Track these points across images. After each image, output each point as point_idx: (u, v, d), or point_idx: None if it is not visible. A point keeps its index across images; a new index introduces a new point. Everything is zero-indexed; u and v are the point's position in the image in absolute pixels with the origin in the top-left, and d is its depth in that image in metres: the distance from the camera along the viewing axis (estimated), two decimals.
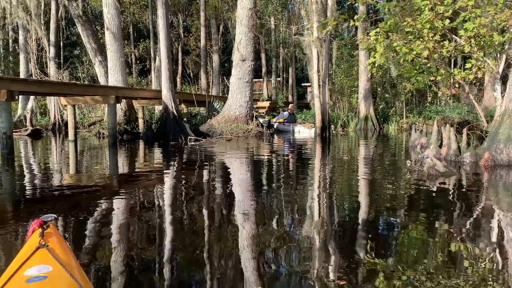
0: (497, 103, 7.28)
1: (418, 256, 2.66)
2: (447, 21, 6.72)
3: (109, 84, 15.05)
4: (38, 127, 17.22)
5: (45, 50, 18.60)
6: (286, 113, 17.87)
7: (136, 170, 7.17)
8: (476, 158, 6.60)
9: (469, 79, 7.20)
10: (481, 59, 7.05)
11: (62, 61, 23.64)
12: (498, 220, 3.55)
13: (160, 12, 13.40)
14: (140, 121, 14.82)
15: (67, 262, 1.57)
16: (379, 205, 4.12)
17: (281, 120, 17.26)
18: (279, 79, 33.02)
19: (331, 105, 21.32)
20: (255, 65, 34.41)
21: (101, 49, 17.41)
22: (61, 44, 25.82)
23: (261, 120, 16.10)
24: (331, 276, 2.31)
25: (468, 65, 7.18)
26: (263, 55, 29.91)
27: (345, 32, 22.90)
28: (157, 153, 9.88)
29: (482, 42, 6.88)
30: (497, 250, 2.72)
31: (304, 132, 16.05)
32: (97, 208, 4.02)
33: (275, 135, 14.96)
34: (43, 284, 1.39)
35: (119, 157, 9.04)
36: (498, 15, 6.28)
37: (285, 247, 2.80)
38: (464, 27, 6.71)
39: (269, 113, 21.08)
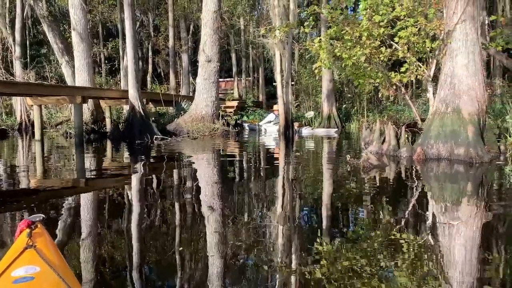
0: (430, 104, 8.05)
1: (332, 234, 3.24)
2: (382, 29, 7.43)
3: (76, 84, 15.22)
4: (3, 127, 17.18)
5: (10, 50, 18.51)
6: (272, 114, 18.50)
7: (101, 169, 7.51)
8: (411, 152, 7.32)
9: (403, 81, 7.94)
10: (414, 63, 7.81)
11: (28, 60, 23.49)
12: (406, 201, 4.20)
13: (127, 13, 13.69)
14: (107, 121, 15.06)
15: (55, 262, 1.54)
16: (312, 192, 4.72)
17: (268, 122, 17.96)
18: (250, 78, 33.53)
19: (296, 104, 22.09)
20: (226, 65, 34.85)
21: (68, 49, 17.50)
22: (28, 43, 25.58)
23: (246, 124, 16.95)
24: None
25: (402, 69, 7.94)
26: (233, 55, 30.38)
27: (308, 35, 23.65)
28: (123, 152, 10.22)
29: (416, 48, 7.64)
30: (402, 223, 3.33)
31: (271, 131, 16.76)
32: (62, 209, 4.05)
33: (241, 134, 15.50)
34: (31, 285, 1.38)
35: (84, 156, 9.34)
36: (429, 24, 7.01)
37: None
38: (398, 35, 7.45)
39: (238, 112, 21.60)
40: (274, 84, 38.29)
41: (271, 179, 5.88)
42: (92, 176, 6.31)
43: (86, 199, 4.61)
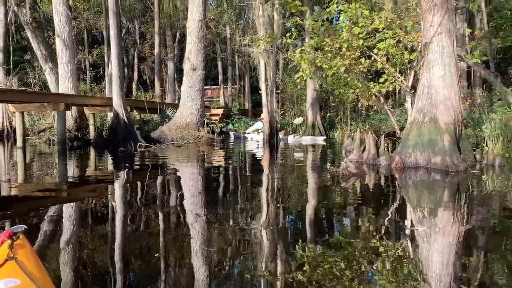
0: (408, 113, 8.26)
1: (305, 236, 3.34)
2: (361, 41, 7.64)
3: (59, 92, 15.14)
4: None
5: None
6: (260, 122, 18.63)
7: (83, 177, 7.50)
8: (390, 161, 7.49)
9: (382, 91, 8.16)
10: (393, 74, 8.03)
11: (11, 66, 23.20)
12: (379, 208, 4.32)
13: (112, 21, 13.71)
14: (91, 128, 14.98)
15: (36, 275, 1.51)
16: (290, 200, 4.82)
17: (255, 129, 18.08)
18: (236, 86, 33.69)
19: (282, 112, 22.28)
20: (213, 73, 34.90)
21: (52, 56, 17.40)
22: (11, 49, 25.30)
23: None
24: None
25: (381, 79, 8.16)
26: (219, 63, 30.52)
27: (292, 45, 23.94)
28: (105, 160, 10.20)
29: (394, 60, 7.86)
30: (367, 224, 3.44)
31: (256, 139, 16.89)
32: (43, 218, 4.02)
33: (226, 142, 15.57)
34: None
35: (66, 164, 9.29)
36: (407, 36, 7.23)
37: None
38: (377, 46, 7.67)
39: (223, 120, 21.69)
40: (260, 92, 38.64)
41: (252, 187, 5.97)
42: (73, 184, 6.31)
43: (67, 208, 4.62)
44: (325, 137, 17.22)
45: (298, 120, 19.38)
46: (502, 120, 10.08)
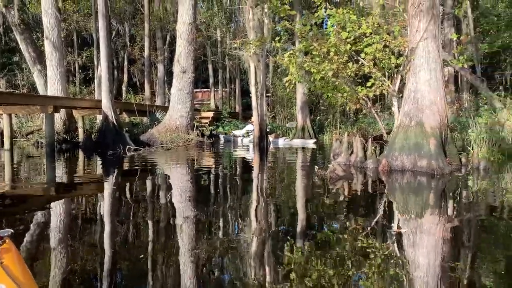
0: (395, 117, 8.37)
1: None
2: (349, 46, 7.74)
3: (48, 94, 15.03)
4: None
5: None
6: (251, 125, 18.68)
7: (70, 179, 7.47)
8: (377, 164, 7.57)
9: (370, 95, 8.27)
10: (380, 78, 8.14)
11: None
12: (363, 210, 4.39)
13: (101, 23, 13.67)
14: (80, 131, 14.89)
15: (21, 280, 1.49)
16: (277, 202, 4.87)
17: (247, 131, 18.13)
18: (226, 89, 33.72)
19: (272, 115, 22.37)
20: (204, 76, 34.87)
21: (41, 58, 17.28)
22: None
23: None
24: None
25: (369, 84, 8.26)
26: (210, 66, 30.55)
27: (283, 48, 24.10)
28: (94, 163, 10.16)
29: (382, 64, 7.98)
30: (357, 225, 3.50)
31: (246, 142, 16.95)
32: (30, 222, 3.99)
33: (216, 145, 15.57)
34: None
35: (54, 166, 9.24)
36: (394, 41, 7.35)
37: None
38: (364, 51, 7.78)
39: (213, 123, 21.68)
40: (250, 95, 38.80)
41: (239, 191, 6.00)
42: (61, 187, 6.28)
43: (54, 212, 4.61)
44: (315, 140, 17.30)
45: (291, 124, 19.36)
46: (488, 124, 10.29)
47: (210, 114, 22.27)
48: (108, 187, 6.18)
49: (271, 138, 16.93)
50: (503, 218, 4.09)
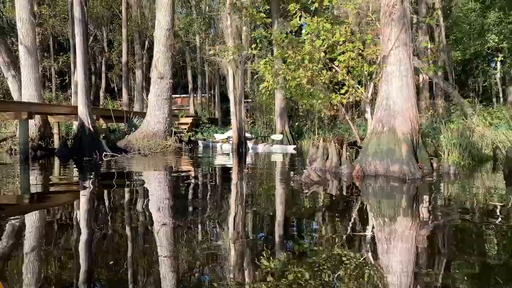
0: (368, 123, 8.56)
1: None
2: (322, 53, 7.90)
3: (23, 100, 14.75)
4: None
5: None
6: (231, 131, 18.66)
7: (42, 186, 7.36)
8: (351, 169, 7.71)
9: (343, 102, 8.44)
10: (353, 85, 8.33)
11: None
12: (332, 215, 4.48)
13: (77, 28, 13.53)
14: (56, 137, 14.66)
15: None
16: (252, 207, 4.92)
17: (224, 139, 18.06)
18: (206, 95, 33.68)
19: (252, 121, 22.46)
20: (183, 81, 34.70)
21: (15, 63, 16.93)
22: None
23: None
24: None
25: (342, 91, 8.44)
26: (189, 72, 30.49)
27: (263, 54, 24.31)
28: (68, 170, 10.00)
29: (355, 71, 8.16)
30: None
31: (225, 148, 16.97)
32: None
33: (195, 151, 15.53)
34: None
35: (27, 174, 9.07)
36: (366, 49, 7.54)
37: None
38: (338, 59, 7.95)
39: (192, 129, 21.64)
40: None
41: (214, 198, 6.02)
42: (33, 196, 6.18)
43: (27, 221, 4.55)
44: (295, 146, 17.41)
45: (277, 137, 19.06)
46: (458, 130, 10.60)
47: (189, 120, 22.22)
48: (80, 195, 6.12)
49: (250, 144, 16.98)
50: (467, 220, 4.24)
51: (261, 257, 3.06)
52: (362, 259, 3.03)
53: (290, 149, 16.66)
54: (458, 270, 2.84)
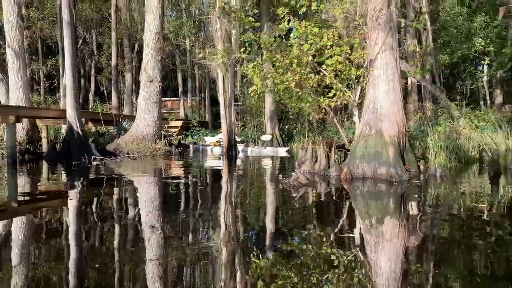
0: (356, 126, 8.64)
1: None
2: (310, 57, 7.98)
3: (10, 104, 14.62)
4: None
5: None
6: (222, 134, 18.64)
7: (29, 191, 7.31)
8: (340, 172, 7.78)
9: (331, 105, 8.53)
10: (341, 89, 8.41)
11: None
12: (319, 217, 4.53)
13: (66, 31, 13.46)
14: (44, 141, 14.55)
15: None
16: (240, 210, 4.95)
17: (216, 142, 17.99)
18: (196, 98, 33.66)
19: (242, 124, 22.49)
20: (173, 85, 34.65)
21: (3, 66, 16.79)
22: None
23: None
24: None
25: (330, 94, 8.52)
26: (179, 75, 30.45)
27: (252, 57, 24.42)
28: (56, 174, 9.93)
29: (342, 75, 8.25)
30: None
31: (216, 151, 16.96)
32: None
33: (185, 154, 15.50)
34: None
35: (14, 178, 9.00)
36: (354, 53, 7.62)
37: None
38: (325, 62, 8.03)
39: (182, 132, 21.60)
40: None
41: (202, 203, 6.04)
42: (20, 200, 6.14)
43: (13, 226, 4.52)
44: (287, 148, 17.42)
45: (266, 137, 19.18)
46: (445, 132, 10.75)
47: (179, 123, 22.19)
48: (66, 199, 6.09)
49: (241, 146, 17.00)
50: (452, 220, 4.31)
51: (249, 259, 3.09)
52: (348, 259, 3.07)
53: (282, 151, 16.70)
54: (444, 270, 2.90)
